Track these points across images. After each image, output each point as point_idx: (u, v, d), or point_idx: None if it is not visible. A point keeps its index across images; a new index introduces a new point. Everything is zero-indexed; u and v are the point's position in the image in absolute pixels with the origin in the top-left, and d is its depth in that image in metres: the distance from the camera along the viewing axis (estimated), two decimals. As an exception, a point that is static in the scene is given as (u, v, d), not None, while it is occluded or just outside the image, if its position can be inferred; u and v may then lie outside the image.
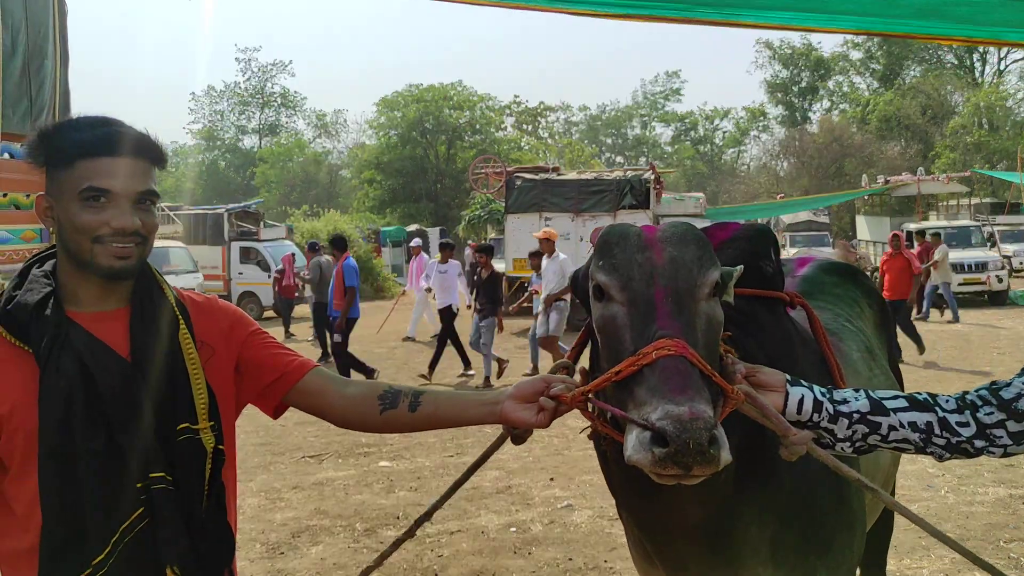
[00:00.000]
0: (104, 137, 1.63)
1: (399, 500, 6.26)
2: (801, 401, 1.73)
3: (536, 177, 19.02)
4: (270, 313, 21.15)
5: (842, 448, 1.75)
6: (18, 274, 1.71)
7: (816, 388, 1.76)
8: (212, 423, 1.69)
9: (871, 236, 24.99)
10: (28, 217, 5.17)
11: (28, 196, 5.12)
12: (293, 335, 16.84)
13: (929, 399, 1.74)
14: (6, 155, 4.90)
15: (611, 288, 1.69)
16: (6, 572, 1.64)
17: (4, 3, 4.64)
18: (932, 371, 11.07)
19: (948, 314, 16.37)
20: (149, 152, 1.68)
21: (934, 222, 23.45)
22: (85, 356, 1.59)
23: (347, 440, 8.03)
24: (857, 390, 1.78)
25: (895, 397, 1.75)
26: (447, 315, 12.10)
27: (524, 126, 54.33)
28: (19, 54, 4.92)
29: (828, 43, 55.24)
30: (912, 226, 21.69)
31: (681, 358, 1.52)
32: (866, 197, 26.46)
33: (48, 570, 1.54)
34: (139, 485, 1.59)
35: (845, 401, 1.74)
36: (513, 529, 5.54)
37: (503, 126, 50.79)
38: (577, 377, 1.87)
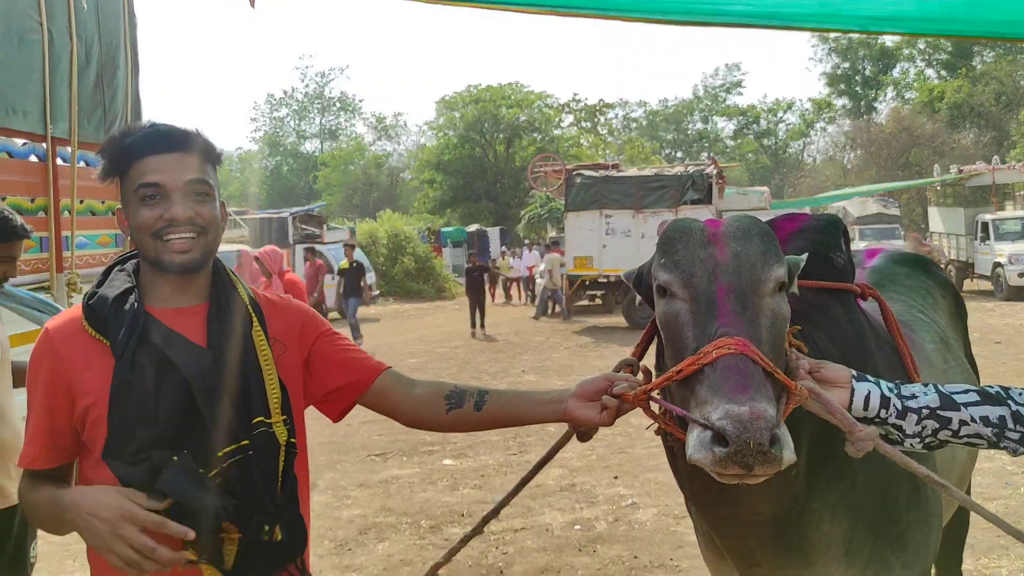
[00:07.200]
0: (147, 137, 1.71)
1: (463, 497, 6.31)
2: (868, 397, 1.70)
3: (596, 174, 18.73)
4: (335, 315, 21.43)
5: (911, 444, 1.71)
6: (102, 273, 1.80)
7: (883, 383, 1.72)
8: (285, 417, 1.74)
9: (944, 228, 24.18)
10: (103, 223, 5.36)
11: (103, 203, 5.30)
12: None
13: (1002, 392, 1.69)
14: (82, 163, 5.08)
15: (673, 285, 1.68)
16: (92, 556, 1.69)
17: (78, 16, 4.81)
18: (1012, 365, 10.70)
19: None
20: (194, 145, 1.74)
21: (1010, 212, 22.57)
22: (164, 347, 1.64)
23: (411, 439, 8.12)
24: (926, 384, 1.74)
25: (966, 391, 1.70)
26: None
27: (583, 123, 53.99)
28: (93, 65, 5.10)
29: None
30: (988, 216, 20.92)
31: (742, 356, 1.50)
32: (939, 188, 25.55)
33: None
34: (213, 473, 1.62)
35: (913, 396, 1.70)
36: (578, 527, 5.53)
37: (562, 124, 50.61)
38: (640, 376, 1.86)
